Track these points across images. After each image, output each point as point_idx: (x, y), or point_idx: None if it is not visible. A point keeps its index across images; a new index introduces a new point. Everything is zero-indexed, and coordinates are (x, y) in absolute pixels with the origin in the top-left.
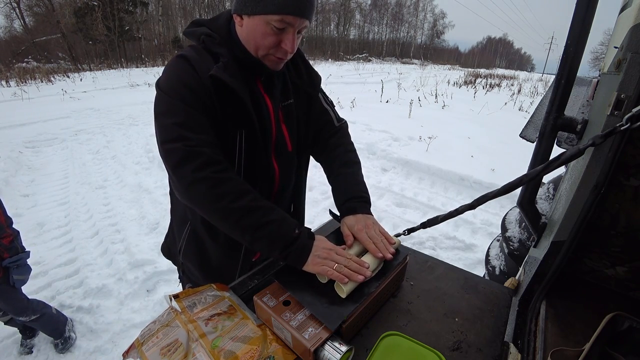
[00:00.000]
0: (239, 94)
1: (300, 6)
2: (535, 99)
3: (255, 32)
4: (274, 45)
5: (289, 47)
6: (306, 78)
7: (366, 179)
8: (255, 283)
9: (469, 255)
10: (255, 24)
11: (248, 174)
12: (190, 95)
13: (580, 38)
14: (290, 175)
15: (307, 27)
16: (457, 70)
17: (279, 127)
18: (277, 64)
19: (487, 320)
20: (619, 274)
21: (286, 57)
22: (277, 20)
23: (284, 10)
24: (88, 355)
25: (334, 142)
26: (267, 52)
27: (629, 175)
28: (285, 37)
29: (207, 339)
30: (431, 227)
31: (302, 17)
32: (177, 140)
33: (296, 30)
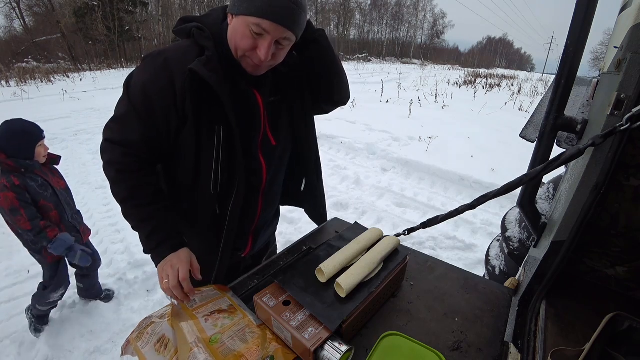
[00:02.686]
0: (216, 89)
1: (278, 13)
2: (535, 99)
3: (237, 32)
4: (249, 48)
5: (262, 54)
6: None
7: (366, 179)
8: (255, 283)
9: (469, 255)
10: (239, 24)
11: (229, 169)
12: (142, 98)
13: (580, 38)
14: (277, 171)
15: (289, 40)
16: (457, 70)
17: (266, 122)
18: (255, 69)
19: (487, 320)
20: (619, 274)
21: (262, 64)
22: (254, 23)
23: (262, 14)
24: (88, 355)
25: None
26: (243, 54)
27: (629, 175)
28: (261, 43)
29: (206, 334)
30: (431, 227)
31: (280, 24)
32: (107, 129)
33: (273, 38)
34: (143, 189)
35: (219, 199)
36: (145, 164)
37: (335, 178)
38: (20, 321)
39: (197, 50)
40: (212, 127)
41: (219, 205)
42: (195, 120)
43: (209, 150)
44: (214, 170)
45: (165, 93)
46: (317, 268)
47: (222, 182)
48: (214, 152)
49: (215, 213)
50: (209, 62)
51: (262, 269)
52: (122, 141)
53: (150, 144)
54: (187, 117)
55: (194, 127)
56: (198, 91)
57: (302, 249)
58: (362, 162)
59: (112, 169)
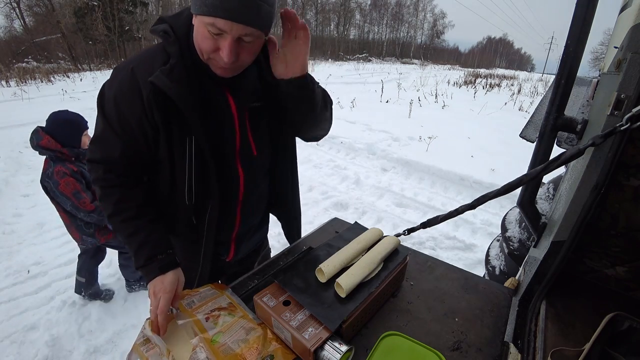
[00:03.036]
0: (177, 102)
1: (232, 10)
2: (535, 99)
3: (198, 33)
4: (211, 50)
5: (224, 55)
6: None
7: (366, 179)
8: (255, 283)
9: (469, 255)
10: (198, 24)
11: (203, 180)
12: (116, 113)
13: (580, 38)
14: (257, 181)
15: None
16: (457, 70)
17: (244, 131)
18: (223, 72)
19: (487, 320)
20: (619, 274)
21: (227, 65)
22: (209, 23)
23: (214, 12)
24: (88, 355)
25: None
26: (208, 56)
27: (629, 175)
28: (221, 43)
29: (207, 334)
30: (431, 227)
31: (237, 22)
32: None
33: (233, 37)
34: (127, 203)
35: (195, 209)
36: (128, 178)
37: (335, 178)
38: (21, 321)
39: (164, 57)
40: (183, 138)
41: (195, 215)
42: (165, 131)
43: (182, 161)
44: (187, 182)
45: (135, 105)
46: (317, 268)
47: (196, 193)
48: (187, 163)
49: (192, 223)
50: (172, 71)
51: (262, 269)
52: (103, 159)
53: (131, 159)
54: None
55: (165, 138)
56: (163, 102)
57: (302, 249)
58: (362, 162)
59: (97, 187)
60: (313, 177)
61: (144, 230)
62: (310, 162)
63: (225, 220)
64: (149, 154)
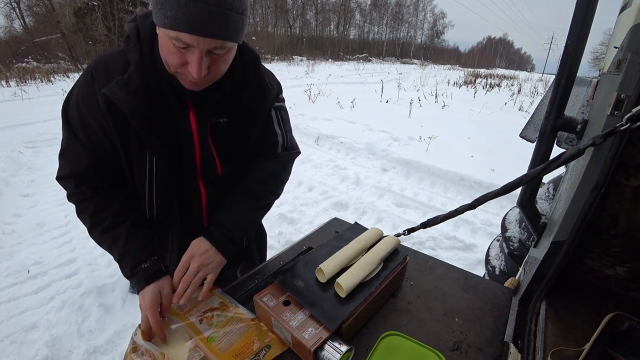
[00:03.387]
0: (130, 117)
1: (196, 22)
2: (535, 99)
3: (162, 46)
4: (179, 64)
5: (194, 71)
6: (253, 93)
7: (366, 179)
8: (255, 283)
9: (469, 255)
10: (162, 36)
11: (164, 198)
12: (78, 118)
13: (580, 38)
14: (214, 209)
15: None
16: (457, 70)
17: (206, 148)
18: (194, 86)
19: (487, 320)
20: (619, 274)
21: (198, 80)
22: (173, 37)
23: (177, 26)
24: (88, 355)
25: (258, 166)
26: (175, 70)
27: (629, 175)
28: (189, 58)
29: (203, 335)
30: (431, 227)
31: (203, 36)
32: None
33: (202, 51)
34: (103, 213)
35: (158, 224)
36: (101, 188)
37: (335, 178)
38: (21, 321)
39: (124, 64)
40: (142, 153)
41: (158, 230)
42: (123, 145)
43: (142, 176)
44: (147, 198)
45: (95, 109)
46: (317, 268)
47: (157, 210)
48: (146, 179)
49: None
50: (129, 82)
51: (262, 269)
52: (72, 174)
53: (101, 167)
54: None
55: (123, 152)
56: (118, 115)
57: (302, 249)
58: (362, 162)
59: (72, 202)
60: (313, 177)
61: (123, 239)
62: (310, 162)
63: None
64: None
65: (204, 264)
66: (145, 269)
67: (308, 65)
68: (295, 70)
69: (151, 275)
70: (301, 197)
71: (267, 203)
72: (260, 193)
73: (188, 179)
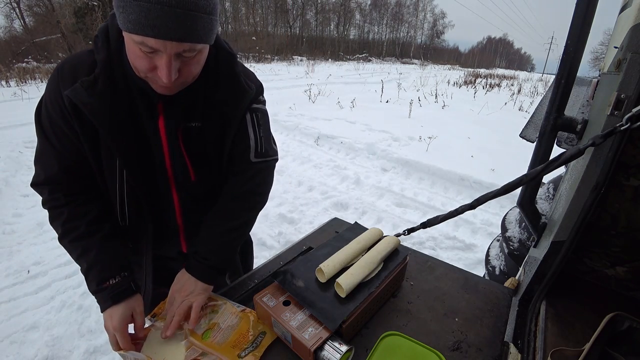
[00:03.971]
0: (94, 121)
1: (161, 26)
2: (535, 99)
3: (129, 50)
4: (148, 69)
5: (164, 76)
6: (227, 93)
7: (366, 179)
8: (255, 283)
9: (469, 255)
10: (127, 40)
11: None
12: (48, 121)
13: (580, 38)
14: (198, 206)
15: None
16: (457, 70)
17: (177, 154)
18: (166, 90)
19: (487, 320)
20: (619, 274)
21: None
22: (138, 42)
23: (141, 30)
24: (88, 355)
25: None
26: (145, 75)
27: (629, 175)
28: (158, 62)
29: (196, 334)
30: (431, 227)
31: (170, 40)
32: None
33: (171, 55)
34: (76, 221)
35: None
36: (76, 195)
37: (335, 178)
38: (21, 321)
39: (91, 64)
40: (113, 157)
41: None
42: (91, 148)
43: (113, 181)
44: (118, 204)
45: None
46: (317, 268)
47: (129, 216)
48: (117, 185)
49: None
50: (94, 84)
51: (262, 269)
52: (46, 180)
53: (74, 172)
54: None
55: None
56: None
57: (302, 249)
58: (362, 162)
59: (46, 208)
60: (313, 177)
61: (93, 250)
62: (310, 162)
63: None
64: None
65: (186, 294)
66: (113, 285)
67: (308, 65)
68: (295, 70)
69: (120, 293)
70: (301, 197)
71: (244, 221)
72: (236, 212)
73: (160, 185)
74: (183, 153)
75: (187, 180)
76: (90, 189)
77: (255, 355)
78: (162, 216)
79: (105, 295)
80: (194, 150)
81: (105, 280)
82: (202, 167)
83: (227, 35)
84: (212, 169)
